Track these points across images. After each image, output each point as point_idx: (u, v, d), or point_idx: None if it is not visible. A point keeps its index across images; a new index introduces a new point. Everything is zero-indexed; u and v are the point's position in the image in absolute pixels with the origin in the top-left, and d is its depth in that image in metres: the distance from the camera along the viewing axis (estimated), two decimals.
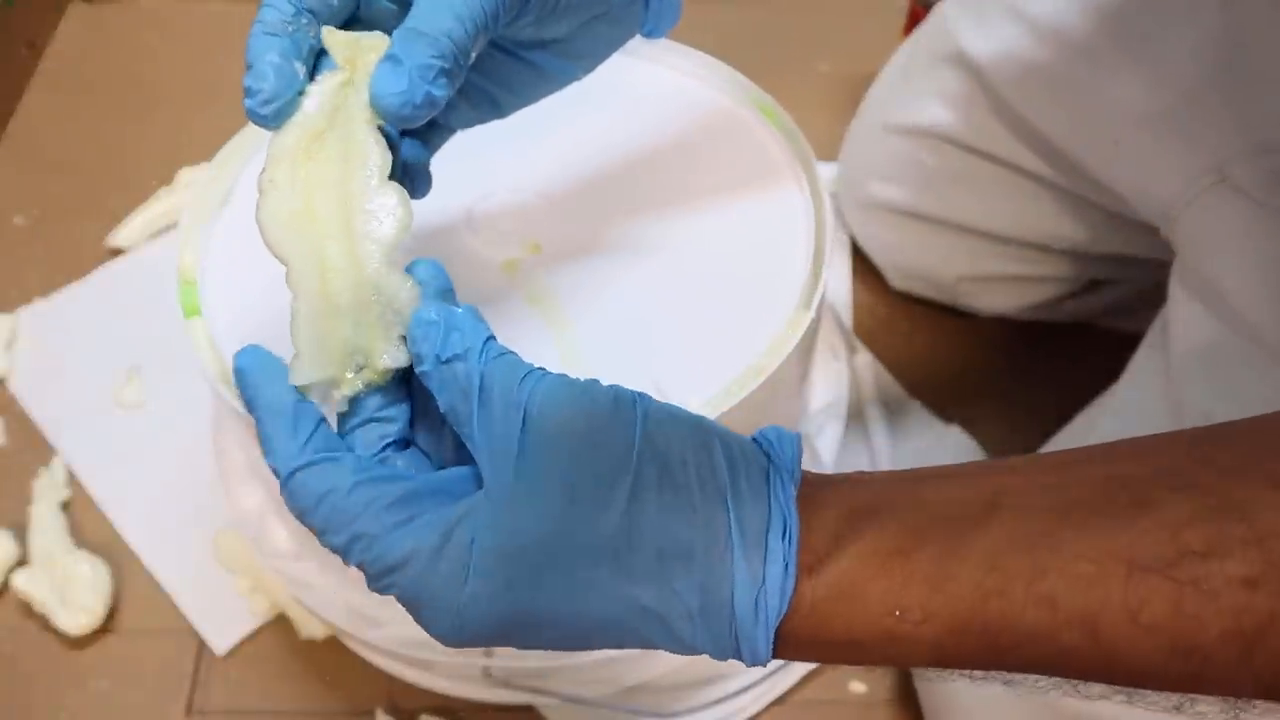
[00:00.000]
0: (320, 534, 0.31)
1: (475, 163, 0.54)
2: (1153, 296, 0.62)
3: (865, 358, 0.80)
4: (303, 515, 0.31)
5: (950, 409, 0.77)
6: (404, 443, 0.33)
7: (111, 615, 0.67)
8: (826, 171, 0.73)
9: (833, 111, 0.98)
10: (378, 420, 0.33)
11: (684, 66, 0.58)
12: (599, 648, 0.31)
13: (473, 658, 0.54)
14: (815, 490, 0.31)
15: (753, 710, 0.63)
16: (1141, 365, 0.59)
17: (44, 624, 0.66)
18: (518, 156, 0.54)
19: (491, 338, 0.32)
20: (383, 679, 0.64)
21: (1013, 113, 0.68)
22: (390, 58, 0.32)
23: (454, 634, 0.30)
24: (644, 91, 0.58)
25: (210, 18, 1.10)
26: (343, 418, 0.33)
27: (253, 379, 0.32)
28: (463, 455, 0.33)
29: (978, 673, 0.31)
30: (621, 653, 0.53)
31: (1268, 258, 0.51)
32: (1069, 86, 0.64)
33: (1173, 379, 0.54)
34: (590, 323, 0.47)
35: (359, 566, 0.31)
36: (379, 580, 0.30)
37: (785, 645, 0.30)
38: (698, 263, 0.50)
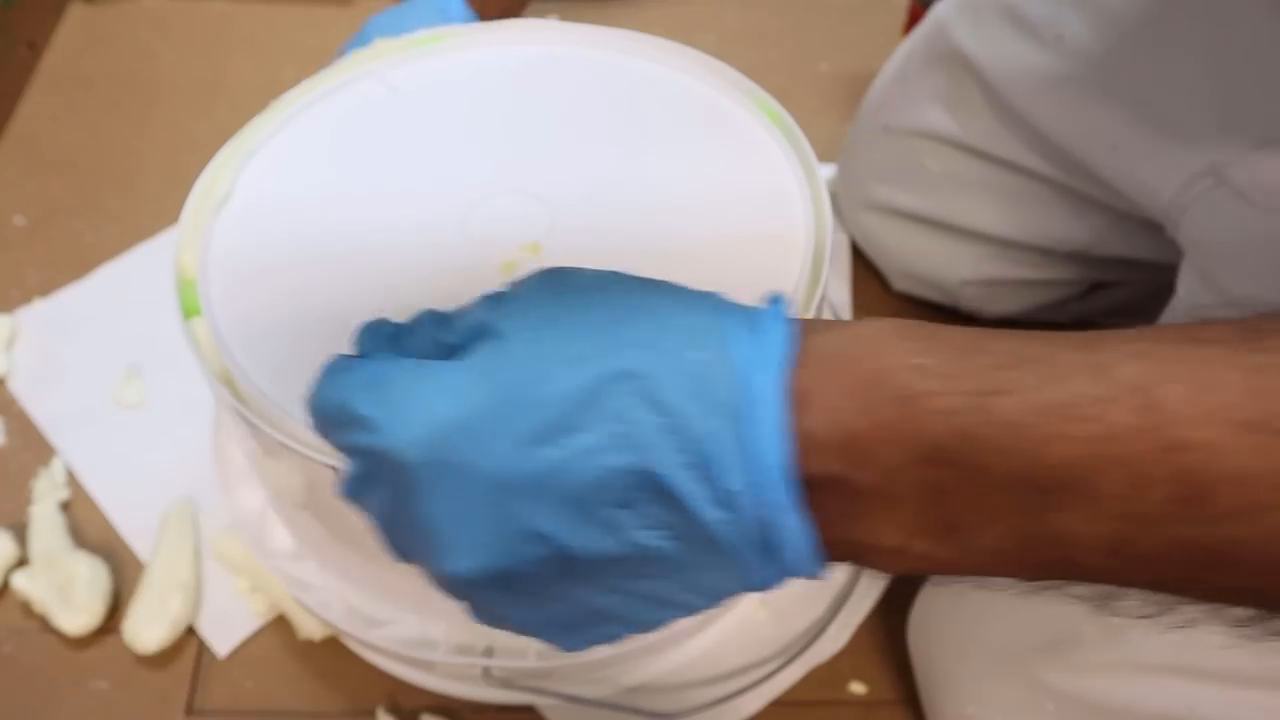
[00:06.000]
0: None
1: (473, 163, 0.54)
2: (1157, 297, 0.62)
3: None
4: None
5: None
6: None
7: (111, 615, 0.67)
8: (827, 172, 0.73)
9: (833, 111, 0.98)
10: None
11: (684, 66, 0.58)
12: (589, 441, 0.26)
13: (473, 657, 0.54)
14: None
15: (753, 710, 0.63)
16: None
17: (44, 624, 0.66)
18: (517, 156, 0.54)
19: None
20: (383, 679, 0.63)
21: (1013, 114, 0.68)
22: None
23: (421, 435, 0.27)
24: (644, 91, 0.58)
25: (210, 18, 1.10)
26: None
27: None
28: None
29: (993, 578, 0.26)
30: (622, 652, 0.53)
31: (1269, 260, 0.51)
32: (1065, 88, 0.64)
33: None
34: None
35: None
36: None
37: (798, 407, 0.25)
38: (697, 262, 0.50)
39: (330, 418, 0.30)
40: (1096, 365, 0.23)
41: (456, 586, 0.29)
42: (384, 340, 0.32)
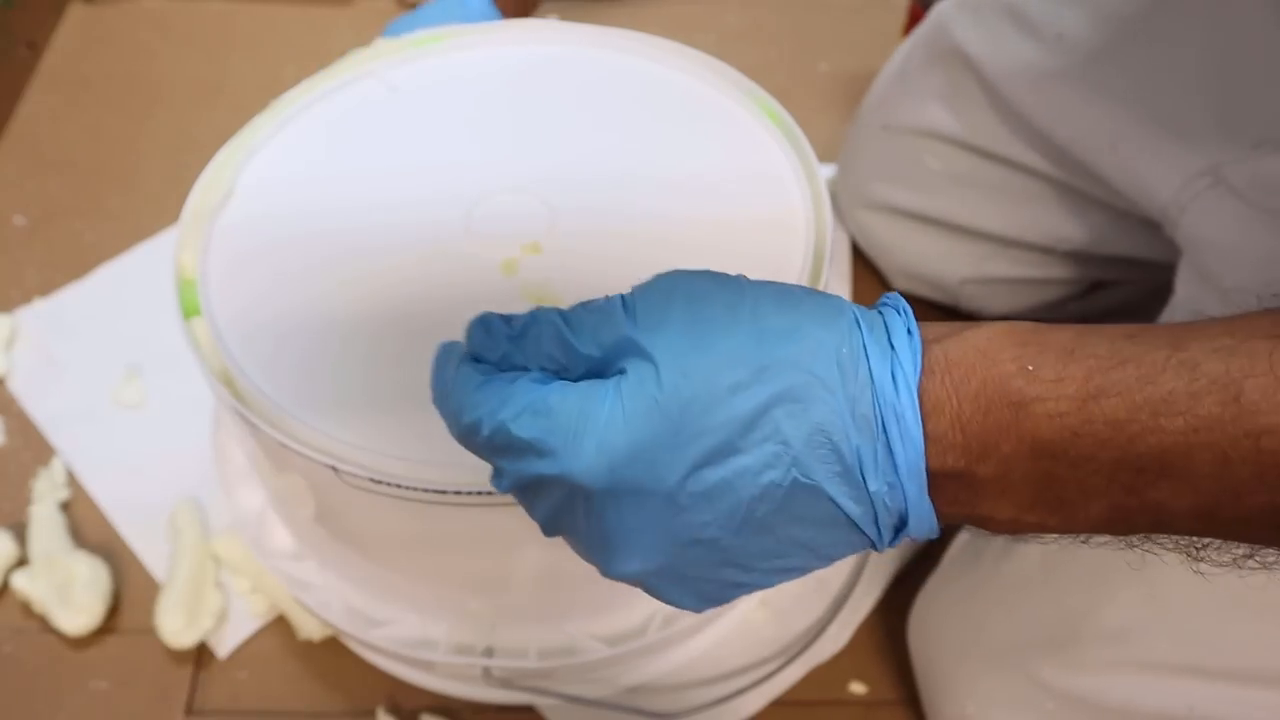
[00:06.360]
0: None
1: (473, 162, 0.54)
2: (1157, 297, 0.62)
3: None
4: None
5: None
6: None
7: (111, 615, 0.67)
8: (827, 172, 0.73)
9: (833, 111, 0.98)
10: None
11: (684, 66, 0.58)
12: (747, 453, 0.29)
13: (473, 657, 0.54)
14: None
15: (753, 710, 0.63)
16: None
17: (44, 624, 0.66)
18: (517, 156, 0.54)
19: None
20: (383, 679, 0.63)
21: (1013, 112, 0.68)
22: None
23: (598, 464, 0.30)
24: (644, 91, 0.58)
25: (210, 18, 1.10)
26: None
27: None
28: None
29: (1102, 537, 0.30)
30: (621, 653, 0.53)
31: (1266, 259, 0.51)
32: (1065, 86, 0.64)
33: None
34: None
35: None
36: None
37: (929, 415, 0.29)
38: (698, 262, 0.50)
39: (487, 441, 0.31)
40: (1185, 363, 0.27)
41: (620, 578, 0.32)
42: (503, 340, 0.32)
